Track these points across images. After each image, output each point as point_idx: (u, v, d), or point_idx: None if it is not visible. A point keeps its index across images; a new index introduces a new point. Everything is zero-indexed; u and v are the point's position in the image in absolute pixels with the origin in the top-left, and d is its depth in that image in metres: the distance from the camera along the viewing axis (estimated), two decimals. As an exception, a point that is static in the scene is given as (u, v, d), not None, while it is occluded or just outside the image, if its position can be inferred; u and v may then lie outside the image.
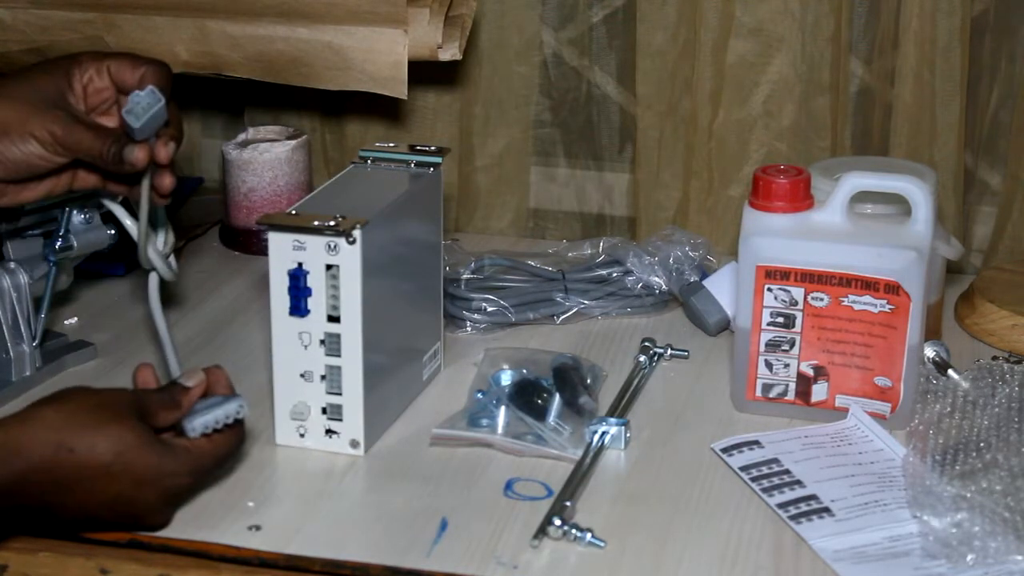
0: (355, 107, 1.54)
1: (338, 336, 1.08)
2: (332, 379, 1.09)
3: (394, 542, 0.99)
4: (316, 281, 1.07)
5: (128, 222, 1.11)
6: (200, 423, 0.99)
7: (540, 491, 1.05)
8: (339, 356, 1.08)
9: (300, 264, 1.07)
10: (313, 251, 1.06)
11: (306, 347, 1.08)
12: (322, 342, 1.08)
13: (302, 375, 1.09)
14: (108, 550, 0.98)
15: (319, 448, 1.11)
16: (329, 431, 1.10)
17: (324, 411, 1.10)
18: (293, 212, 1.09)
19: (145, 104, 1.02)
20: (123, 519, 0.98)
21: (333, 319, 1.07)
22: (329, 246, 1.05)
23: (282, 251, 1.07)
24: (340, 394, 1.09)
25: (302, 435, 1.11)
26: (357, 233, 1.05)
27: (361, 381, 1.08)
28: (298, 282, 1.07)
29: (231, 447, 1.02)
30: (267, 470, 1.08)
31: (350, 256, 1.05)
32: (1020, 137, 1.41)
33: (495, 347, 1.23)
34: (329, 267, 1.06)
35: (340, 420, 1.10)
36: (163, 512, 0.99)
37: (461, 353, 1.27)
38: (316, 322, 1.08)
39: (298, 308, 1.08)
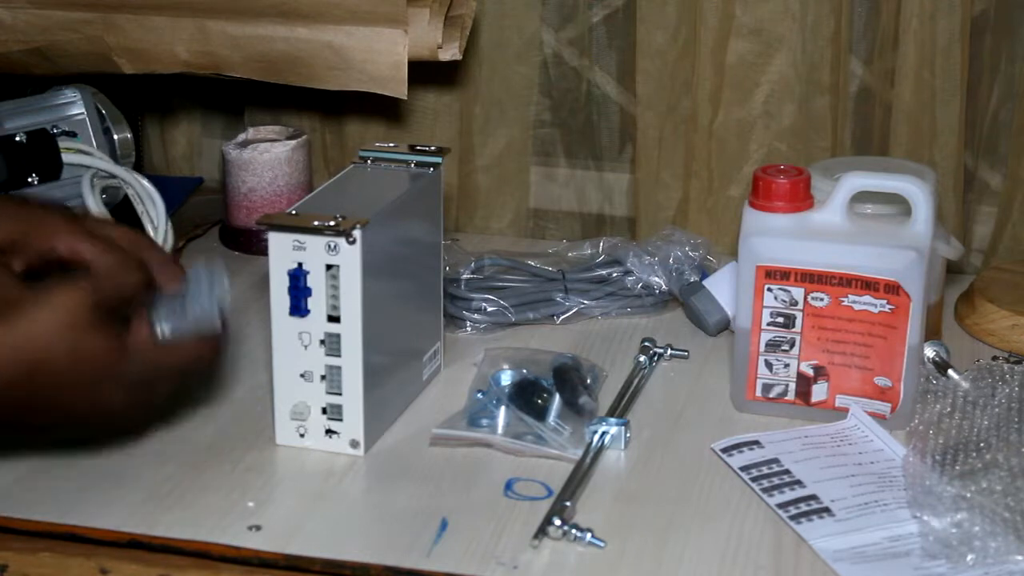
0: (355, 107, 1.54)
1: (338, 336, 1.08)
2: (332, 379, 1.09)
3: (394, 542, 0.99)
4: (316, 281, 1.07)
5: None
6: (171, 327, 0.96)
7: (540, 491, 1.05)
8: (339, 356, 1.08)
9: (300, 264, 1.06)
10: (313, 251, 1.06)
11: (306, 347, 1.08)
12: (322, 342, 1.08)
13: (302, 375, 1.09)
14: (108, 550, 0.98)
15: (319, 448, 1.10)
16: (329, 431, 1.10)
17: (324, 411, 1.10)
18: (293, 212, 1.09)
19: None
20: (92, 412, 0.95)
21: (333, 319, 1.07)
22: (329, 246, 1.05)
23: (282, 251, 1.07)
24: (340, 394, 1.09)
25: (302, 435, 1.11)
26: (357, 233, 1.05)
27: (361, 381, 1.08)
28: (298, 282, 1.07)
29: (205, 353, 1.01)
30: (267, 470, 1.08)
31: (350, 256, 1.05)
32: (1020, 137, 1.41)
33: (495, 347, 1.23)
34: (329, 267, 1.06)
35: (340, 420, 1.10)
36: (132, 406, 0.97)
37: (461, 353, 1.27)
38: (316, 322, 1.08)
39: (298, 308, 1.07)
